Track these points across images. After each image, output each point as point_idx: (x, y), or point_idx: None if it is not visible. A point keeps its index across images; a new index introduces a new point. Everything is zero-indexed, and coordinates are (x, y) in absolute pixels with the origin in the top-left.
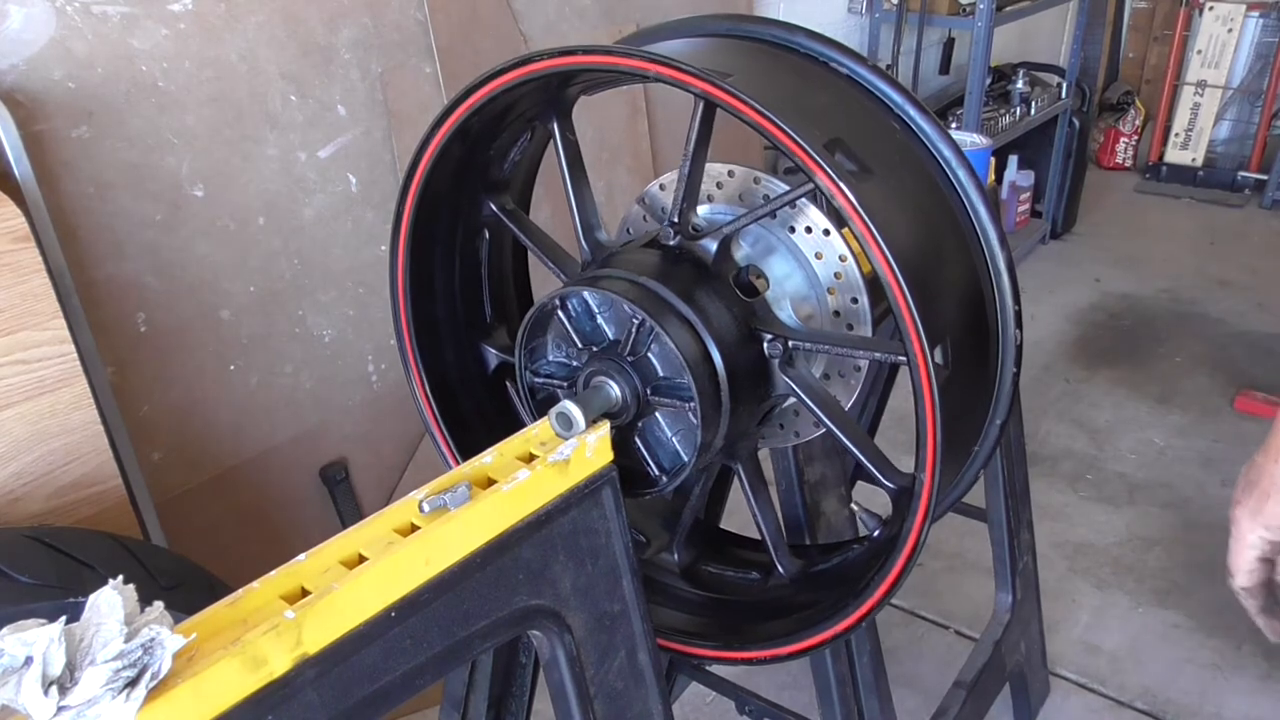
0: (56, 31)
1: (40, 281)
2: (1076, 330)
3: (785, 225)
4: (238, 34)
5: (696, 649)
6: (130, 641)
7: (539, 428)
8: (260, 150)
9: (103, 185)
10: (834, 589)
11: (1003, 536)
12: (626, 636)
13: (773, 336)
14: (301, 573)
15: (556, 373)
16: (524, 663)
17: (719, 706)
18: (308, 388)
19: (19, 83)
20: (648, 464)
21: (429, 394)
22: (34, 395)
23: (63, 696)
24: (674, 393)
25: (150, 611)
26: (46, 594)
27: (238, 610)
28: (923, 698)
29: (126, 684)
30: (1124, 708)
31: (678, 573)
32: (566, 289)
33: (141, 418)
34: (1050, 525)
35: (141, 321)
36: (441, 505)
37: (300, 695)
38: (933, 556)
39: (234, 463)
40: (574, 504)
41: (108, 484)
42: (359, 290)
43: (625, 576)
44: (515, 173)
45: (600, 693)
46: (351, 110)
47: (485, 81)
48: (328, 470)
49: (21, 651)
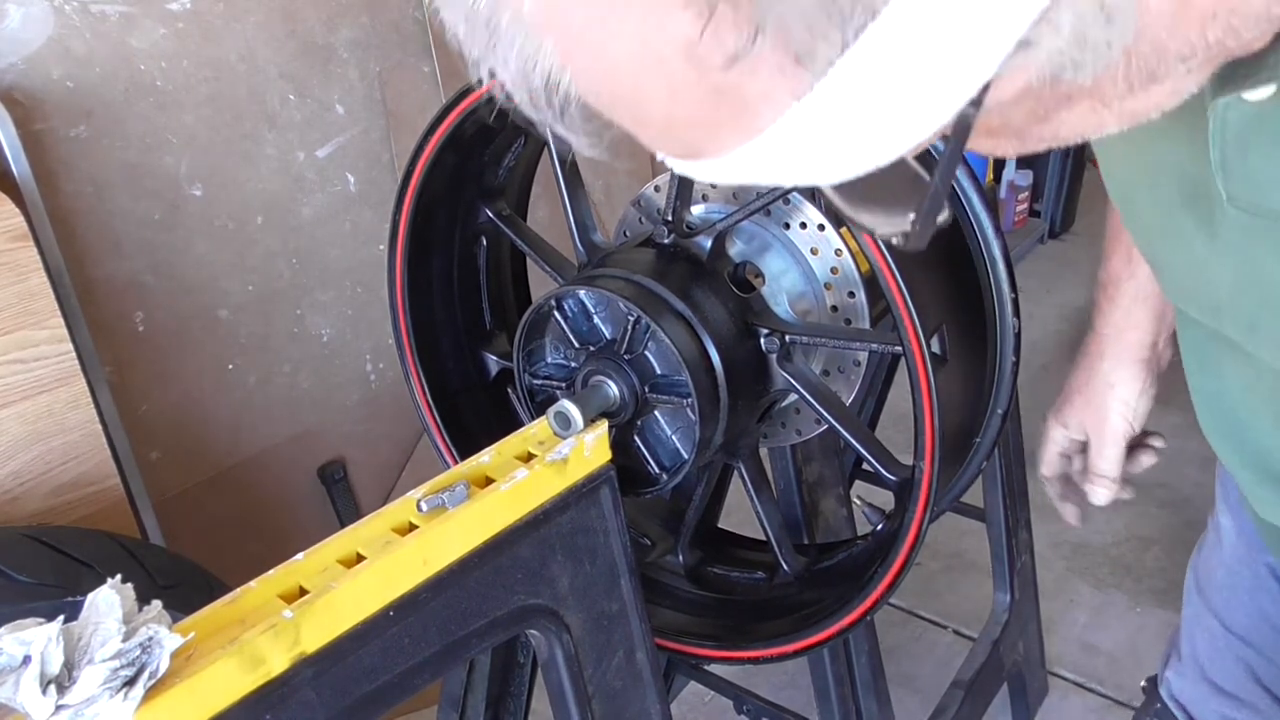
0: (55, 30)
1: (38, 280)
2: (1075, 330)
3: (780, 222)
4: (236, 33)
5: (697, 649)
6: (128, 640)
7: (537, 427)
8: (259, 149)
9: (101, 184)
10: (837, 586)
11: (1001, 536)
12: (625, 636)
13: (769, 331)
14: (299, 572)
15: (555, 374)
16: (522, 662)
17: (717, 705)
18: (306, 387)
19: (17, 82)
20: (648, 463)
21: (431, 403)
22: (32, 394)
23: (61, 695)
24: (672, 390)
25: (148, 610)
26: (45, 593)
27: (236, 609)
28: (921, 697)
29: (124, 683)
30: (1122, 707)
31: (682, 574)
32: (562, 289)
33: (140, 417)
34: (1048, 525)
35: (140, 321)
36: (439, 504)
37: (298, 694)
38: (931, 556)
39: (232, 462)
40: (572, 503)
41: (106, 483)
42: (357, 290)
43: (623, 576)
44: (511, 178)
45: (598, 692)
46: (350, 110)
47: (479, 85)
48: (326, 469)
49: (20, 650)
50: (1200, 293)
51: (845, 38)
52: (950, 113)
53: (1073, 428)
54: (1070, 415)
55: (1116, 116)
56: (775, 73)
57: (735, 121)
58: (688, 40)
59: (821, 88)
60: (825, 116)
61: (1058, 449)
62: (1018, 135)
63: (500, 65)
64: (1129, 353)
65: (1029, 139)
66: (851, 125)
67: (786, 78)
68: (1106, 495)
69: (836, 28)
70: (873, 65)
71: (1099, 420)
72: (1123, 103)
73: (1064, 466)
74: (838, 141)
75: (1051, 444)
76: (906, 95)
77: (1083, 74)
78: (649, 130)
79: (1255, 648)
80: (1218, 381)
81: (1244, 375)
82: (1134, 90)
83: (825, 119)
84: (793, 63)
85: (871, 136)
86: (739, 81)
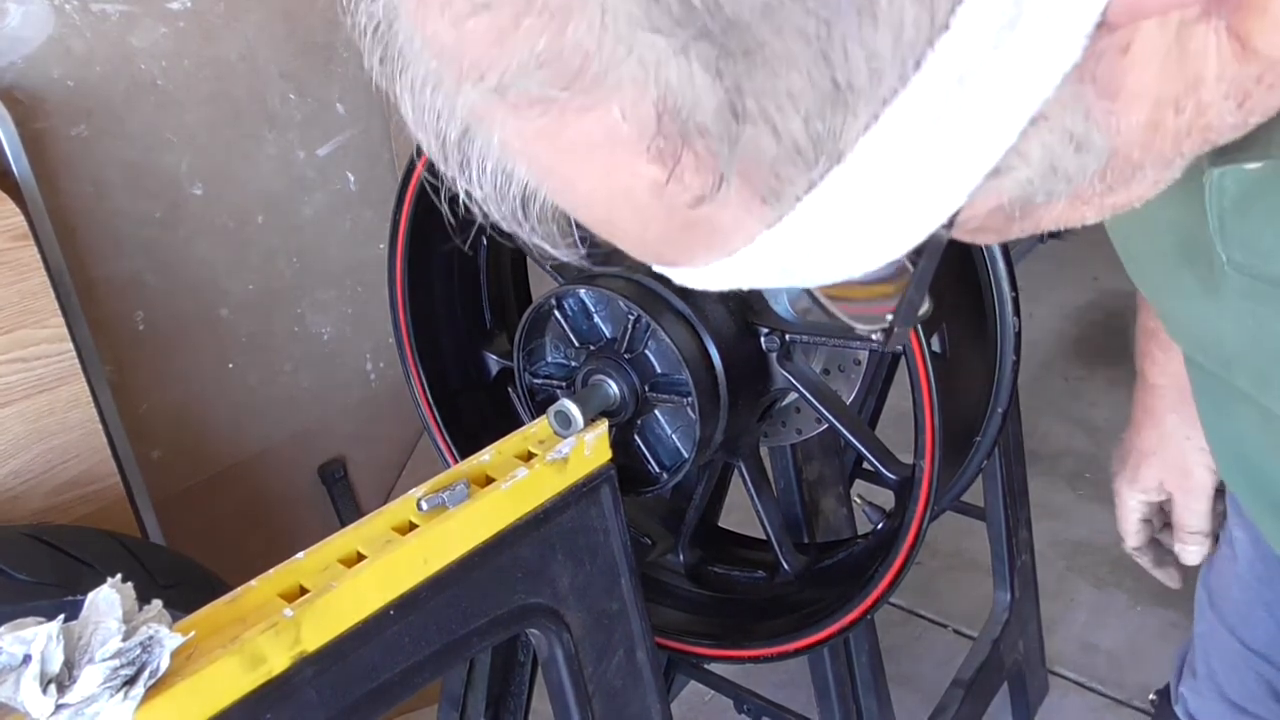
0: (55, 30)
1: (39, 280)
2: (1075, 329)
3: None
4: (237, 32)
5: (697, 648)
6: (129, 640)
7: (537, 426)
8: (259, 148)
9: (101, 184)
10: (837, 585)
11: (1001, 535)
12: (625, 635)
13: (769, 330)
14: (300, 571)
15: (555, 374)
16: (522, 661)
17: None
18: (306, 386)
19: (17, 81)
20: (648, 462)
21: (432, 403)
22: (32, 393)
23: (61, 694)
24: (672, 389)
25: (149, 610)
26: (45, 592)
27: (236, 608)
28: (921, 696)
29: (125, 682)
30: (1122, 706)
31: (682, 573)
32: (562, 288)
33: (140, 416)
34: (1049, 524)
35: (140, 320)
36: (440, 503)
37: (299, 693)
38: (931, 555)
39: (233, 461)
40: (572, 502)
41: (106, 482)
42: (357, 289)
43: (623, 575)
44: None
45: (599, 691)
46: (350, 108)
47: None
48: (326, 468)
49: (20, 649)
50: (1208, 345)
51: (811, 179)
52: (921, 235)
53: (1153, 491)
54: (1149, 479)
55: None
56: (742, 210)
57: (708, 244)
58: (655, 182)
59: (790, 219)
60: (796, 241)
61: (1139, 516)
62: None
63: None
64: None
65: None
66: (823, 247)
67: (753, 214)
68: (1201, 552)
69: (802, 172)
70: (840, 201)
71: (1182, 477)
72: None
73: (1149, 532)
74: (810, 260)
75: (1131, 513)
76: (876, 223)
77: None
78: (625, 246)
79: (1276, 665)
80: (1231, 424)
81: (1257, 421)
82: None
83: (796, 243)
84: (759, 202)
85: (843, 255)
86: (709, 213)
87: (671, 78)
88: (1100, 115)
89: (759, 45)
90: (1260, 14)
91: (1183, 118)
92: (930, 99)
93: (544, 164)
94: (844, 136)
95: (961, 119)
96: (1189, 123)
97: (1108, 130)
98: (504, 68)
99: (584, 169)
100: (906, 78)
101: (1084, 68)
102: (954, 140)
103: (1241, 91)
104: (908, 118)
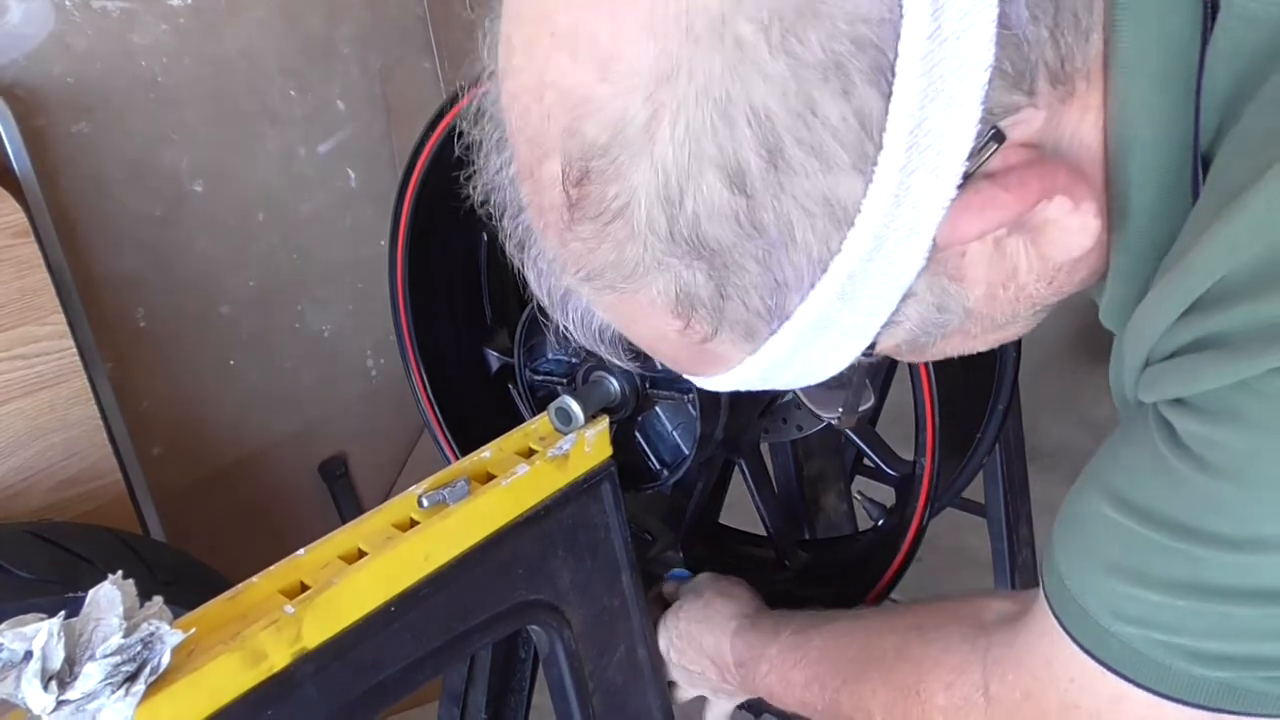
0: (56, 27)
1: (40, 277)
2: (1075, 325)
3: None
4: (237, 29)
5: None
6: (130, 636)
7: (538, 423)
8: (259, 145)
9: (102, 181)
10: (838, 581)
11: (1001, 531)
12: (626, 631)
13: None
14: (301, 567)
15: (556, 370)
16: (523, 658)
17: None
18: (307, 383)
19: (18, 78)
20: (649, 459)
21: (432, 399)
22: (33, 390)
23: (62, 691)
24: (673, 385)
25: (150, 606)
26: (46, 589)
27: (237, 605)
28: None
29: (126, 678)
30: None
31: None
32: None
33: (141, 413)
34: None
35: (141, 317)
36: (440, 500)
37: (299, 690)
38: (931, 552)
39: (233, 458)
40: (573, 499)
41: (107, 479)
42: (358, 285)
43: (624, 571)
44: None
45: (599, 688)
46: (351, 105)
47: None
48: (327, 465)
49: (21, 646)
50: None
51: (771, 329)
52: (848, 361)
53: None
54: None
55: (984, 343)
56: (731, 346)
57: (714, 365)
58: (677, 331)
59: (763, 350)
60: (768, 364)
61: None
62: (913, 355)
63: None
64: None
65: (923, 357)
66: (786, 366)
67: (739, 349)
68: None
69: (765, 325)
70: (791, 340)
71: None
72: (986, 335)
73: None
74: (779, 374)
75: None
76: (816, 354)
77: (937, 338)
78: (664, 362)
79: None
80: None
81: None
82: (990, 331)
83: (768, 365)
84: (742, 341)
85: (800, 372)
86: (712, 348)
87: (683, 277)
88: (954, 291)
89: (732, 261)
90: (1047, 235)
91: (1009, 293)
92: (834, 288)
93: (613, 316)
94: (786, 308)
95: (856, 298)
96: (1014, 296)
97: (960, 300)
98: (589, 269)
99: (637, 322)
100: (817, 277)
101: (935, 266)
102: (854, 309)
103: (1049, 276)
104: (823, 297)
